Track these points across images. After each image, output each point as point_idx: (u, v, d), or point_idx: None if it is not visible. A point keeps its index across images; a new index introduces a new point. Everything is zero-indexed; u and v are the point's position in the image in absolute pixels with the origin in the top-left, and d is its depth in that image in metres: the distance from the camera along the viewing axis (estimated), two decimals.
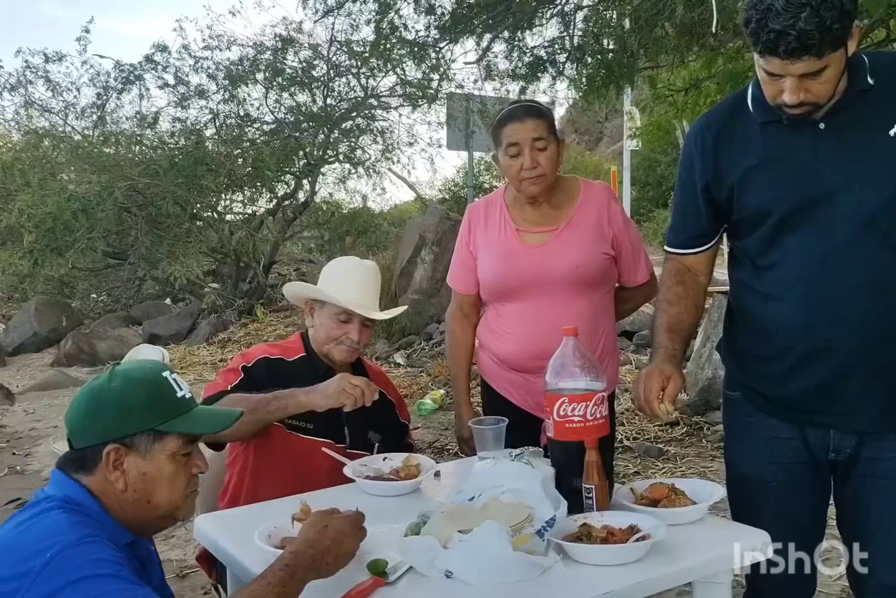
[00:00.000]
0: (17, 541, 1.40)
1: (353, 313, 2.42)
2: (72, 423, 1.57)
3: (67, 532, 1.39)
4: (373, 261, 2.68)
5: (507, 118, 2.46)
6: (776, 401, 1.93)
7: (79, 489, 1.52)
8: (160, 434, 1.55)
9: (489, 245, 2.57)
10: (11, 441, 6.41)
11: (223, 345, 9.68)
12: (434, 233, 8.69)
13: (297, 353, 2.50)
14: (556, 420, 1.88)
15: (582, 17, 5.47)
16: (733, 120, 1.90)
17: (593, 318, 2.51)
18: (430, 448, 5.26)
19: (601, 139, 29.01)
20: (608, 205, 2.55)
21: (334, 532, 1.57)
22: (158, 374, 1.61)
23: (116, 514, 1.54)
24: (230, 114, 11.26)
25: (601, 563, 1.64)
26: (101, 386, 1.56)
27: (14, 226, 8.70)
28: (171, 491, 1.57)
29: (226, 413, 1.73)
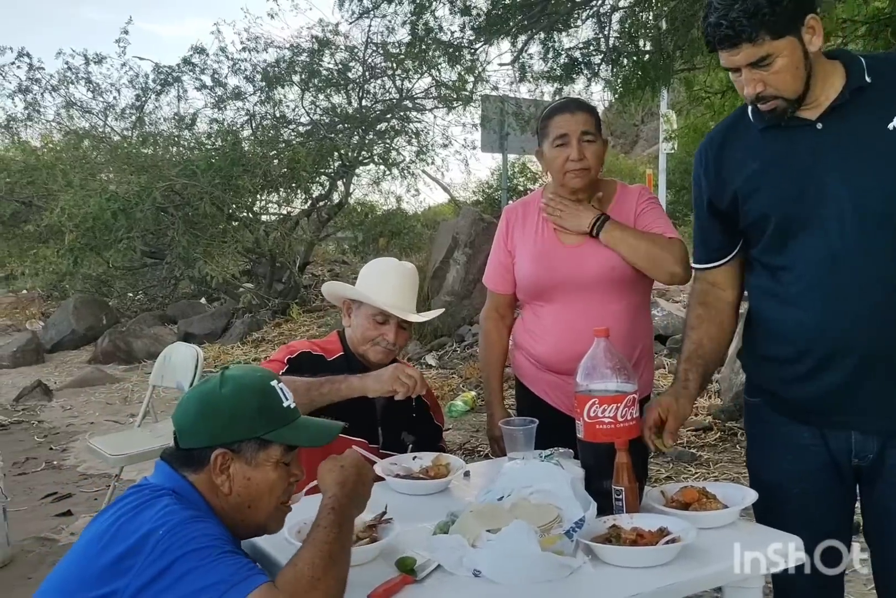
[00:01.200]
0: (132, 522, 1.44)
1: (389, 314, 2.43)
2: (180, 423, 1.62)
3: (180, 513, 1.44)
4: (413, 264, 2.68)
5: (556, 110, 2.48)
6: (796, 404, 1.92)
7: (185, 485, 1.57)
8: (266, 443, 1.59)
9: (527, 245, 2.58)
10: (49, 436, 6.51)
11: (257, 344, 9.75)
12: (467, 235, 8.68)
13: (336, 352, 2.51)
14: (587, 421, 1.88)
15: (618, 18, 5.45)
16: (735, 131, 1.93)
17: (630, 320, 2.50)
18: (460, 450, 5.26)
19: (637, 142, 28.84)
20: (638, 202, 2.55)
21: (351, 467, 1.65)
22: (267, 383, 1.66)
23: (219, 514, 1.58)
24: (266, 115, 11.35)
25: (630, 565, 1.63)
26: (213, 391, 1.61)
27: (55, 225, 8.83)
28: (271, 498, 1.62)
29: (328, 426, 1.77)
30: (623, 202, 2.55)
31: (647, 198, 2.56)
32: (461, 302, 8.59)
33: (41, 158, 10.77)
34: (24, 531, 4.30)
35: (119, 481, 4.41)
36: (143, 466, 4.57)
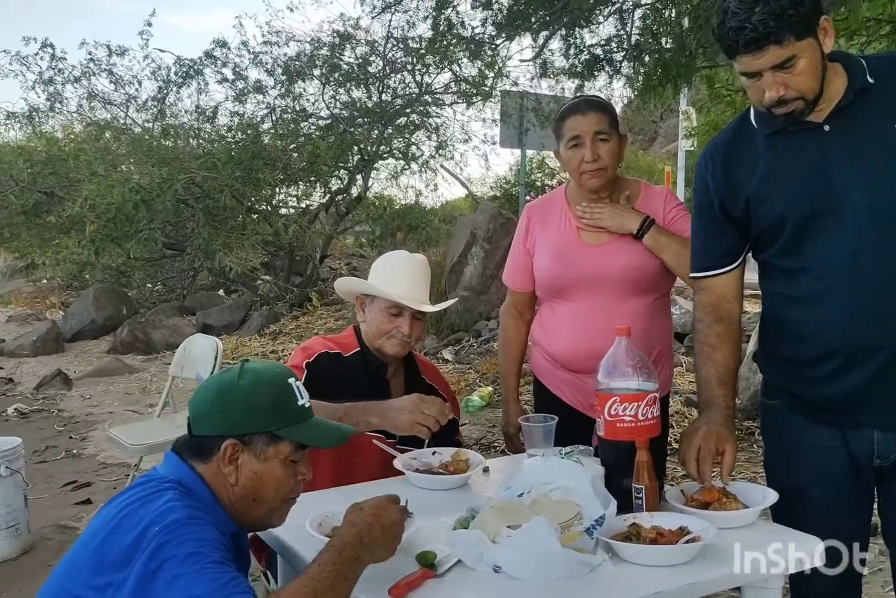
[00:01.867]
0: (134, 515, 1.46)
1: (403, 305, 2.43)
2: (196, 411, 1.64)
3: (180, 510, 1.45)
4: (424, 256, 2.68)
5: (569, 111, 2.47)
6: (819, 405, 1.91)
7: (192, 476, 1.59)
8: (276, 438, 1.61)
9: (548, 242, 2.57)
10: (68, 425, 6.58)
11: (274, 337, 9.80)
12: (485, 230, 8.68)
13: (353, 348, 2.51)
14: (608, 420, 1.89)
15: (639, 15, 5.43)
16: (739, 138, 1.93)
17: (648, 320, 2.49)
18: (477, 445, 5.27)
19: (655, 139, 28.71)
20: (665, 206, 2.53)
21: (371, 508, 1.61)
22: (285, 379, 1.67)
23: (225, 504, 1.60)
24: (286, 108, 11.37)
25: (650, 563, 1.63)
26: (231, 382, 1.63)
27: (76, 215, 8.89)
28: (277, 493, 1.63)
29: (339, 429, 1.78)
30: (648, 203, 2.54)
31: (675, 204, 2.55)
32: (478, 297, 8.60)
33: (63, 149, 10.82)
34: (45, 518, 4.35)
35: (138, 470, 4.46)
36: (162, 456, 4.62)
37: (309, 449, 1.67)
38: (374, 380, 2.49)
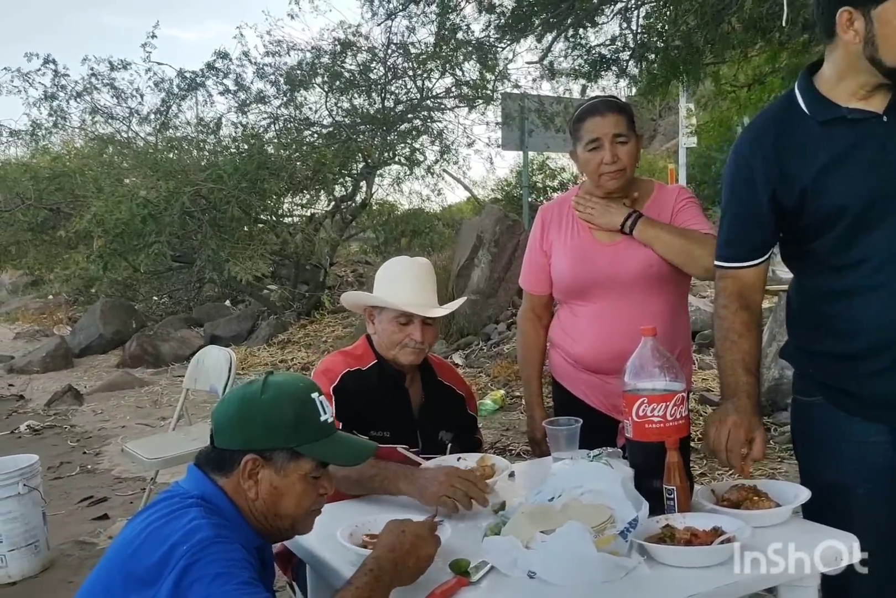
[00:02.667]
0: (160, 532, 1.45)
1: (411, 313, 2.41)
2: (218, 423, 1.63)
3: (206, 529, 1.44)
4: (426, 259, 2.65)
5: (587, 113, 2.45)
6: (870, 400, 1.88)
7: (216, 490, 1.58)
8: (297, 455, 1.59)
9: (563, 244, 2.57)
10: (81, 441, 6.57)
11: (283, 346, 9.80)
12: (491, 233, 8.67)
13: (370, 360, 2.48)
14: (636, 421, 1.87)
15: (644, 13, 5.42)
16: (788, 123, 1.88)
17: (670, 319, 2.48)
18: (492, 449, 5.25)
19: (655, 137, 28.66)
20: (676, 200, 2.53)
21: (412, 536, 1.59)
22: (308, 394, 1.65)
23: (248, 518, 1.59)
24: (289, 118, 11.39)
25: (686, 565, 1.62)
26: (254, 396, 1.61)
27: (84, 231, 8.89)
28: (297, 508, 1.62)
29: (361, 446, 1.77)
30: (660, 201, 2.53)
31: (686, 196, 2.55)
32: (487, 301, 8.58)
33: (67, 165, 10.84)
34: (63, 535, 4.35)
35: (154, 484, 4.45)
36: (179, 469, 4.60)
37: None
38: (394, 390, 2.47)
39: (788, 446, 4.81)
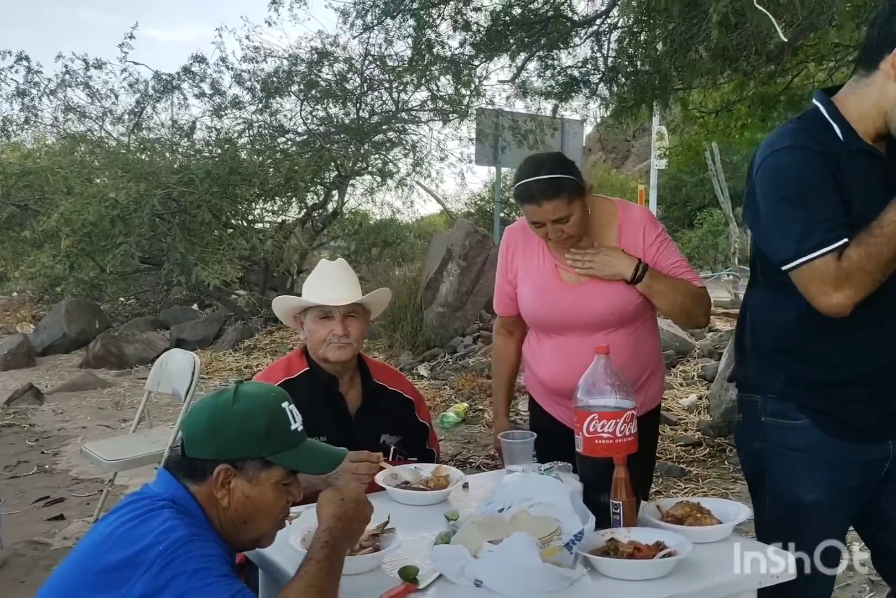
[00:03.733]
0: (132, 533, 1.47)
1: (328, 307, 2.45)
2: (189, 433, 1.64)
3: (181, 529, 1.46)
4: (342, 259, 2.70)
5: (524, 198, 2.38)
6: (856, 424, 1.93)
7: (186, 495, 1.60)
8: (269, 463, 1.62)
9: (528, 277, 2.56)
10: (40, 440, 6.51)
11: (249, 352, 9.77)
12: (461, 247, 8.73)
13: (301, 368, 2.53)
14: (586, 436, 1.93)
15: (616, 37, 5.54)
16: (828, 146, 1.81)
17: (632, 350, 2.49)
18: (452, 461, 5.29)
19: (628, 157, 29.03)
20: (644, 233, 2.48)
21: (352, 502, 1.66)
22: (279, 404, 1.68)
23: (214, 526, 1.61)
24: (264, 124, 11.40)
25: (628, 577, 1.67)
26: (226, 406, 1.63)
27: (52, 230, 8.83)
28: (268, 516, 1.65)
29: (331, 454, 1.80)
30: (627, 231, 2.48)
31: (657, 232, 2.49)
32: (454, 313, 8.64)
33: (38, 162, 10.76)
34: (17, 534, 4.31)
35: (112, 485, 4.42)
36: (137, 471, 4.60)
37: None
38: (327, 396, 2.50)
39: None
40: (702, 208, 18.70)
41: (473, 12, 5.83)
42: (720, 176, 17.21)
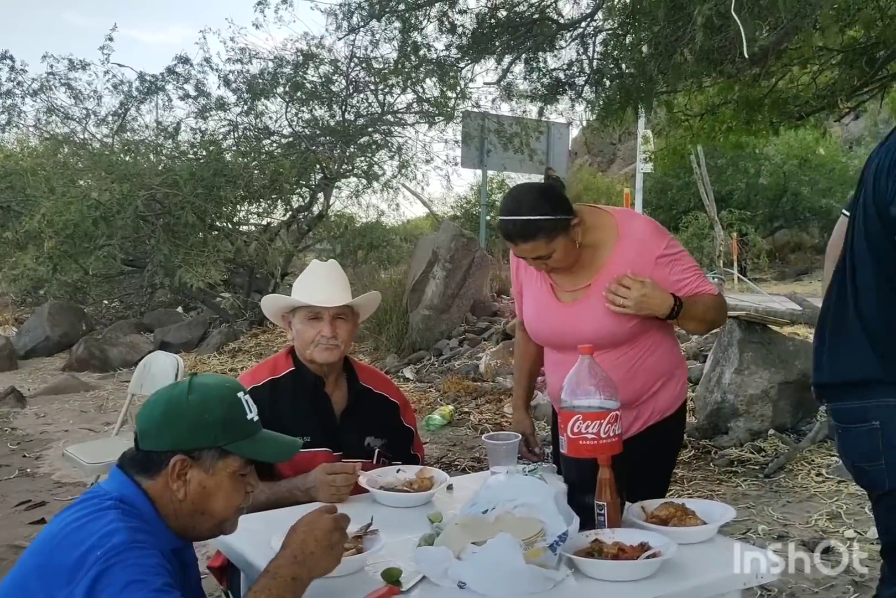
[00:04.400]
0: (76, 535, 1.46)
1: (318, 308, 2.44)
2: (143, 426, 1.63)
3: (121, 533, 1.44)
4: (334, 260, 2.68)
5: (503, 236, 2.36)
6: None
7: (136, 492, 1.58)
8: (225, 453, 1.61)
9: (529, 293, 2.55)
10: (22, 444, 6.46)
11: (234, 354, 9.73)
12: (447, 249, 8.73)
13: (286, 367, 2.52)
14: (570, 437, 1.92)
15: (600, 40, 5.55)
16: None
17: (629, 368, 2.41)
18: (438, 463, 5.28)
19: (614, 161, 29.16)
20: (646, 249, 2.36)
21: (303, 525, 1.61)
22: (234, 394, 1.68)
23: (169, 519, 1.60)
24: (249, 126, 11.37)
25: (612, 578, 1.67)
26: (180, 397, 1.62)
27: (34, 231, 8.77)
28: (226, 506, 1.63)
29: (288, 444, 1.79)
30: (627, 246, 2.37)
31: (663, 247, 2.38)
32: (440, 316, 8.63)
33: (20, 163, 10.70)
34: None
35: None
36: None
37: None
38: (312, 396, 2.49)
39: (727, 469, 4.92)
40: (687, 212, 18.82)
41: (459, 15, 5.85)
42: (705, 179, 17.33)
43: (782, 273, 18.78)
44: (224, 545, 2.02)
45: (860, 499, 4.33)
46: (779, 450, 5.08)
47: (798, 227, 21.10)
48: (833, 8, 3.50)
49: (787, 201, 19.45)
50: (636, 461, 2.16)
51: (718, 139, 7.16)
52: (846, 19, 4.14)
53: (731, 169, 19.13)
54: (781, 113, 6.34)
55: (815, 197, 18.68)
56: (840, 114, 6.92)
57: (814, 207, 18.98)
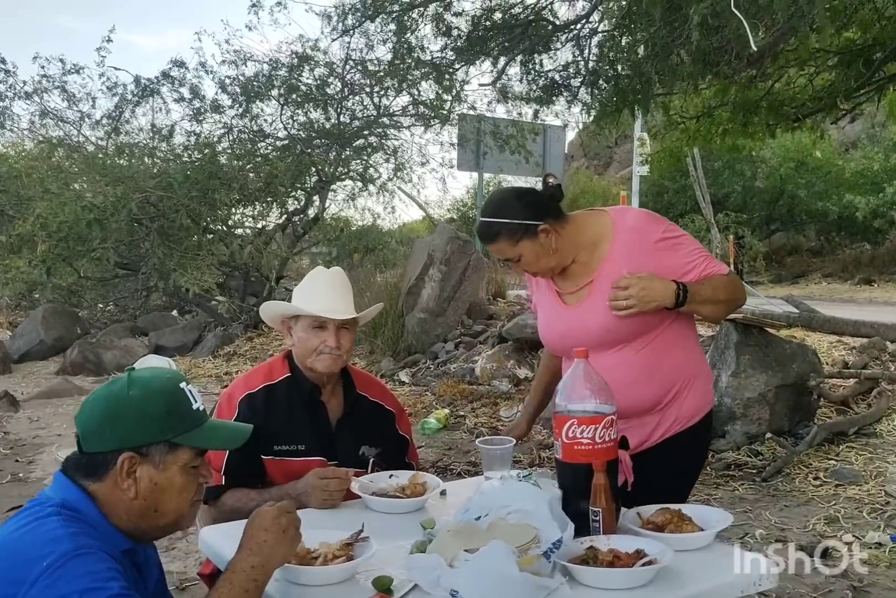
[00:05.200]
0: (16, 546, 1.41)
1: (324, 318, 2.40)
2: (85, 427, 1.58)
3: (65, 541, 1.40)
4: (340, 268, 2.64)
5: (478, 236, 2.42)
6: None
7: (80, 495, 1.53)
8: (174, 446, 1.57)
9: (540, 305, 2.53)
10: (15, 448, 6.41)
11: (228, 358, 9.71)
12: (443, 252, 8.70)
13: (282, 373, 2.49)
14: (565, 442, 1.89)
15: (596, 41, 5.54)
16: None
17: (647, 366, 2.33)
18: (433, 467, 5.24)
19: (610, 164, 29.21)
20: (643, 238, 2.31)
21: (249, 520, 1.62)
22: (176, 385, 1.62)
23: (119, 521, 1.55)
24: (244, 129, 11.34)
25: (607, 586, 1.63)
26: (120, 393, 1.57)
27: (27, 234, 8.73)
28: (180, 501, 1.59)
29: (236, 429, 1.75)
30: (622, 240, 2.32)
31: (660, 232, 2.32)
32: (435, 319, 8.60)
33: (14, 167, 10.66)
34: None
35: None
36: None
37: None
38: (308, 403, 2.46)
39: (724, 472, 4.89)
40: (683, 215, 18.78)
41: (454, 17, 5.82)
42: (702, 182, 17.32)
43: (779, 276, 18.77)
44: (213, 552, 1.99)
45: (858, 503, 4.32)
46: (776, 454, 5.05)
47: (794, 230, 21.08)
48: (828, 8, 3.48)
49: (783, 204, 19.43)
50: (653, 475, 2.14)
51: (715, 141, 7.13)
52: (843, 21, 4.12)
53: (727, 172, 19.12)
54: (778, 115, 6.32)
55: (811, 200, 18.66)
56: (837, 116, 6.90)
57: (810, 209, 18.95)
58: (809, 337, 7.20)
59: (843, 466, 4.83)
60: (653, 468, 2.27)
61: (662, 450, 2.38)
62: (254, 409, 2.38)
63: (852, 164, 18.54)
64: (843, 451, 5.08)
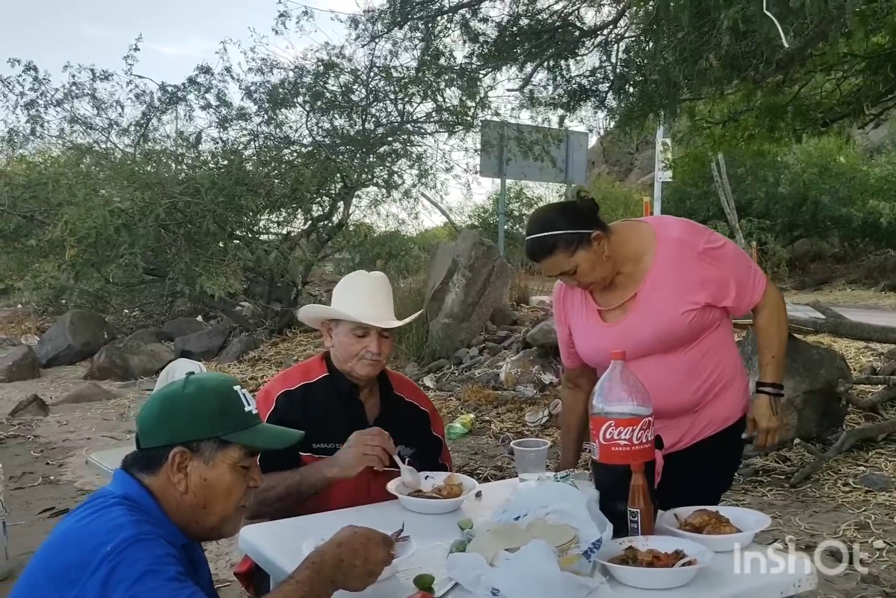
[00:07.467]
0: (81, 533, 1.46)
1: (367, 325, 2.42)
2: (142, 423, 1.64)
3: (128, 528, 1.44)
4: (382, 273, 2.66)
5: (529, 257, 2.41)
6: None
7: (139, 489, 1.58)
8: (225, 443, 1.61)
9: (577, 325, 2.52)
10: (45, 451, 6.49)
11: (253, 363, 9.75)
12: (467, 258, 8.72)
13: (320, 373, 2.51)
14: (602, 443, 1.90)
15: (623, 47, 5.54)
16: None
17: (690, 371, 2.37)
18: (459, 472, 5.23)
19: (631, 170, 29.14)
20: (686, 250, 2.32)
21: (363, 537, 1.60)
22: (230, 386, 1.68)
23: (173, 515, 1.59)
24: (270, 135, 11.41)
25: (647, 586, 1.65)
26: (176, 391, 1.63)
27: (56, 239, 8.83)
28: (227, 500, 1.62)
29: (287, 433, 1.78)
30: (665, 251, 2.34)
31: (702, 244, 2.33)
32: (460, 325, 8.61)
33: (43, 173, 10.79)
34: (23, 545, 4.27)
35: None
36: None
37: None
38: (346, 402, 2.48)
39: (753, 478, 4.87)
40: (706, 221, 18.68)
41: (481, 23, 5.85)
42: (726, 187, 17.25)
43: (802, 282, 18.64)
44: (253, 550, 2.01)
45: (889, 509, 4.29)
46: (805, 460, 5.03)
47: (818, 236, 20.90)
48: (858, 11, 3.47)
49: (806, 210, 19.29)
50: (685, 478, 2.14)
51: (740, 146, 7.11)
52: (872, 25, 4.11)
53: (750, 178, 19.01)
54: (805, 120, 6.30)
55: (835, 206, 18.51)
56: (864, 121, 6.86)
57: (834, 215, 18.80)
58: (836, 343, 7.17)
59: (873, 472, 4.81)
60: (685, 471, 2.28)
61: (695, 452, 2.39)
62: (291, 405, 2.41)
63: (877, 169, 18.37)
64: (872, 457, 5.05)
